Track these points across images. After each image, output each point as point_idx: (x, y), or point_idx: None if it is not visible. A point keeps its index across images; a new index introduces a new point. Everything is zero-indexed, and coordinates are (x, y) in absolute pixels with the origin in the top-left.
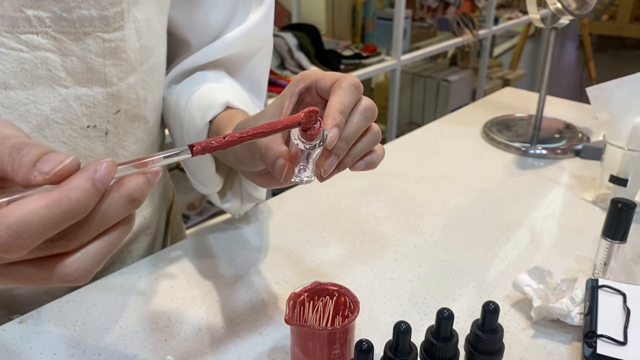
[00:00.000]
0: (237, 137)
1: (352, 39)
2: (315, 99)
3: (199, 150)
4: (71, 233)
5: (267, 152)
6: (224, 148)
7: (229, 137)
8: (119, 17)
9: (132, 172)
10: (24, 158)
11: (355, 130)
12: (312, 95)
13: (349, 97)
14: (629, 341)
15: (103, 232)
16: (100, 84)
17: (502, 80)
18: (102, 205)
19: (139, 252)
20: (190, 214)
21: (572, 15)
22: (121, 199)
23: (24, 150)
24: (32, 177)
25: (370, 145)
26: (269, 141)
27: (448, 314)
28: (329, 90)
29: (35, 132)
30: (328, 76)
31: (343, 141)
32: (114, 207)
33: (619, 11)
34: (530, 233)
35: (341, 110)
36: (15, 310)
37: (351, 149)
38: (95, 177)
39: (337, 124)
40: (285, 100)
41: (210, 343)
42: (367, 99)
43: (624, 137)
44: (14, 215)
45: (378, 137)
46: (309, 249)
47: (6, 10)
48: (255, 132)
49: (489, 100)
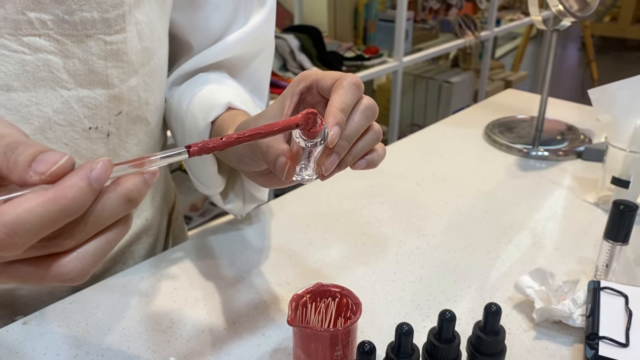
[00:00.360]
0: (234, 138)
1: (354, 41)
2: (316, 99)
3: (196, 151)
4: (67, 232)
5: (269, 150)
6: (221, 149)
7: (226, 138)
8: (120, 20)
9: (129, 172)
10: (19, 157)
11: (356, 128)
12: (313, 94)
13: (350, 95)
14: (631, 343)
15: (100, 232)
16: (102, 86)
17: (504, 81)
18: (98, 205)
19: (141, 253)
20: (193, 215)
21: (574, 17)
22: (118, 198)
23: (19, 149)
24: (28, 177)
25: (372, 144)
26: (270, 140)
27: (450, 316)
28: (330, 89)
29: (37, 134)
30: (329, 75)
31: (344, 140)
32: (110, 206)
33: (621, 13)
34: (532, 235)
35: (342, 109)
36: (17, 311)
37: (352, 147)
38: (91, 176)
39: (338, 122)
40: (286, 100)
41: (213, 344)
42: (368, 98)
43: (626, 139)
44: (9, 213)
45: (379, 136)
46: (311, 251)
47: (9, 13)
48: (252, 133)
49: (491, 102)
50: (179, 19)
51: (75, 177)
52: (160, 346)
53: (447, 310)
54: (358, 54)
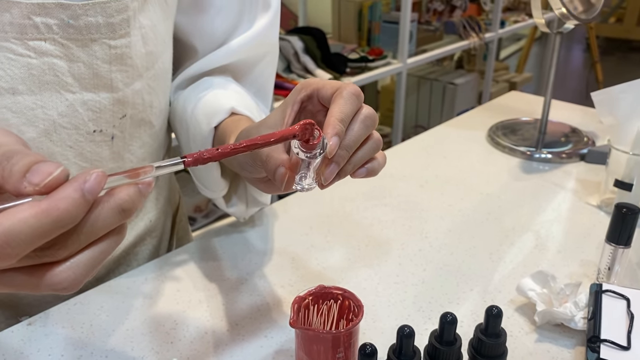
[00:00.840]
0: (229, 149)
1: (358, 42)
2: (316, 107)
3: (191, 162)
4: (60, 242)
5: (268, 160)
6: (216, 160)
7: (222, 149)
8: (125, 24)
9: (123, 183)
10: (14, 167)
11: (355, 138)
12: (313, 103)
13: (349, 105)
14: (633, 346)
15: (93, 242)
16: (107, 90)
17: (509, 83)
18: (92, 216)
19: (145, 254)
20: (197, 216)
21: (578, 20)
22: (111, 209)
23: (14, 159)
24: (22, 187)
25: (371, 153)
26: (270, 150)
27: (451, 319)
28: (330, 98)
29: (42, 137)
30: (329, 85)
31: (343, 149)
32: (104, 217)
33: (626, 14)
34: (535, 237)
35: (341, 119)
36: (22, 312)
37: (352, 157)
38: (84, 188)
39: (337, 132)
40: (287, 108)
41: (216, 346)
42: (367, 108)
43: (629, 142)
44: (3, 224)
45: (379, 145)
46: (314, 253)
47: (15, 18)
48: (248, 144)
49: (495, 104)
50: (184, 22)
51: (68, 188)
52: (164, 347)
53: (449, 312)
54: (362, 55)
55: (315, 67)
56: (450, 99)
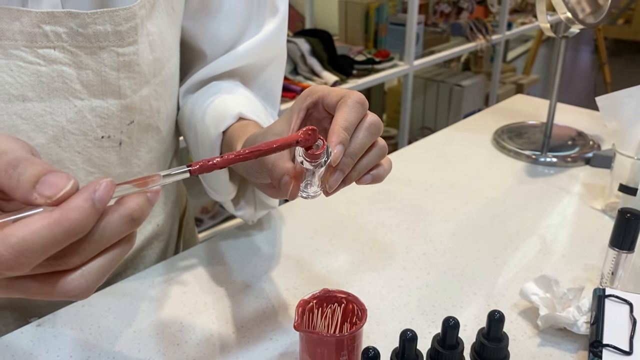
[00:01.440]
0: (233, 156)
1: (364, 44)
2: (322, 114)
3: (197, 170)
4: (72, 251)
5: (274, 169)
6: (220, 167)
7: (226, 157)
8: (132, 32)
9: (131, 192)
10: (21, 176)
11: (360, 146)
12: (319, 110)
13: (353, 114)
14: (635, 351)
15: (104, 250)
16: (115, 96)
17: (516, 85)
18: (102, 224)
19: (152, 257)
20: (204, 217)
21: (583, 24)
22: (121, 218)
23: (20, 167)
24: (33, 198)
25: (376, 160)
26: (275, 158)
27: (454, 323)
28: (335, 106)
29: (51, 143)
30: (334, 92)
31: (348, 157)
32: (114, 226)
33: (634, 15)
34: (539, 241)
35: (345, 127)
36: (31, 313)
37: (357, 164)
38: (94, 197)
39: (341, 141)
40: (293, 115)
41: (221, 348)
42: (372, 115)
43: (634, 147)
44: (16, 235)
45: (384, 152)
46: (319, 256)
47: (25, 26)
48: (252, 151)
49: (501, 108)
50: (192, 27)
51: (79, 198)
52: (170, 349)
53: (451, 317)
54: (369, 57)
55: (322, 69)
56: (457, 101)
